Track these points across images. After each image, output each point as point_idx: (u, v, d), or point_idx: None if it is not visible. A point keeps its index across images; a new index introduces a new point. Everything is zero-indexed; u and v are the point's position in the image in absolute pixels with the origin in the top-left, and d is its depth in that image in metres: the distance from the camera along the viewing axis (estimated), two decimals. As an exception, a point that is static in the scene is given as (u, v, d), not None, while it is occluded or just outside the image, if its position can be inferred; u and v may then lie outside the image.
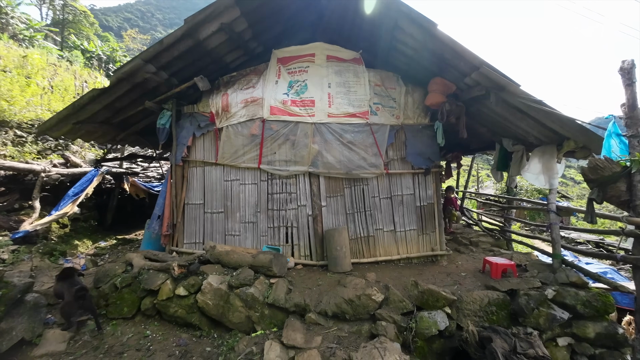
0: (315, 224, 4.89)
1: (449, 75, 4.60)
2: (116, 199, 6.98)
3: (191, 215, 5.13)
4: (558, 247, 3.88)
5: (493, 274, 3.94)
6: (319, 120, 4.86)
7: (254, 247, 4.93)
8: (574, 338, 3.23)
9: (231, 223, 5.03)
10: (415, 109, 5.13)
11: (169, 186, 5.12)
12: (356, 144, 4.90)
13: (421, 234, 5.12)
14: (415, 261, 5.05)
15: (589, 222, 3.13)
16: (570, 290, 3.31)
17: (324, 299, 3.59)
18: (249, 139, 4.95)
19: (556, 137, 4.17)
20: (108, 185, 7.03)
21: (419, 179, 5.17)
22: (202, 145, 5.21)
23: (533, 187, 18.45)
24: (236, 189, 5.06)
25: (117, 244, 6.44)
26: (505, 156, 5.19)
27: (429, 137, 5.17)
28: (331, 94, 4.94)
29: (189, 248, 5.05)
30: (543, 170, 4.29)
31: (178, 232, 5.11)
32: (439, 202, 5.21)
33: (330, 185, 4.99)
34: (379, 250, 4.99)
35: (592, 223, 3.17)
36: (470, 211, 8.38)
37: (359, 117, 4.93)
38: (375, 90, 5.04)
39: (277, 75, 5.09)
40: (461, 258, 5.23)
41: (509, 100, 4.00)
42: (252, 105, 4.95)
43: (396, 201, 5.09)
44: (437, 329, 3.21)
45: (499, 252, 5.31)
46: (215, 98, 5.11)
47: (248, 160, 4.97)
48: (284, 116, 4.87)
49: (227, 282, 3.76)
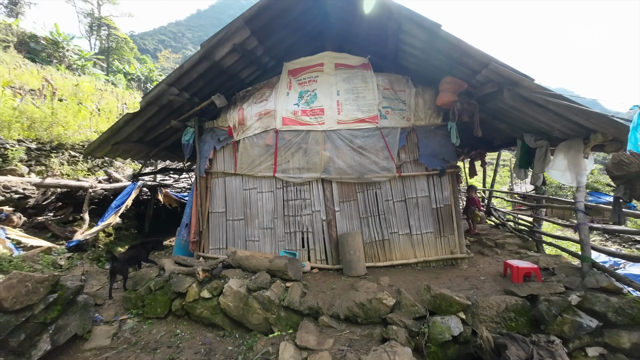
0: (330, 228, 5.01)
1: (460, 73, 4.49)
2: (152, 209, 7.71)
3: (215, 223, 5.53)
4: (588, 249, 3.58)
5: (514, 278, 3.75)
6: (329, 128, 5.00)
7: (273, 252, 5.17)
8: (607, 348, 2.97)
9: (251, 229, 5.33)
10: (427, 109, 5.05)
11: (194, 196, 5.57)
12: (367, 149, 4.95)
13: (439, 236, 5.00)
14: (433, 264, 4.95)
15: (615, 222, 2.89)
16: (600, 296, 3.05)
17: (337, 302, 3.69)
18: (264, 149, 5.23)
19: (582, 131, 3.89)
20: (145, 197, 7.79)
21: (434, 180, 5.07)
22: (222, 158, 5.60)
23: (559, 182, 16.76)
24: (254, 197, 5.36)
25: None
26: (527, 153, 4.91)
27: (443, 137, 5.06)
28: (340, 101, 5.05)
29: (214, 253, 5.43)
30: (569, 167, 4.00)
31: (204, 238, 5.53)
32: (456, 203, 5.06)
33: (342, 190, 5.09)
34: (395, 254, 4.96)
35: (620, 224, 2.92)
36: (498, 211, 7.93)
37: (368, 122, 4.98)
38: (384, 94, 5.06)
39: (288, 87, 5.32)
40: (483, 261, 5.01)
41: (525, 94, 3.82)
42: (266, 117, 5.22)
43: (411, 204, 5.04)
44: (451, 335, 3.15)
45: (526, 254, 5.00)
46: (232, 113, 5.47)
47: (264, 169, 5.25)
48: (295, 126, 5.08)
49: (246, 286, 4.02)
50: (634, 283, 3.16)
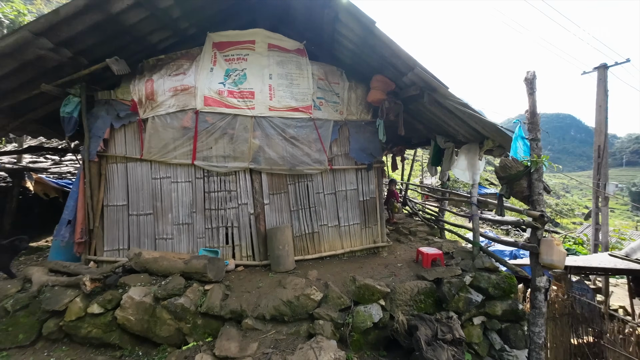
0: (258, 222, 4.69)
1: (389, 73, 4.70)
2: (15, 200, 5.78)
3: (112, 219, 4.49)
4: (477, 235, 4.35)
5: (424, 264, 4.25)
6: (260, 114, 4.59)
7: (190, 251, 4.54)
8: (486, 316, 3.67)
9: (162, 225, 4.53)
10: (359, 105, 5.17)
11: (81, 185, 4.38)
12: (299, 140, 4.77)
13: (364, 227, 5.28)
14: (358, 254, 5.22)
15: (499, 215, 3.54)
16: (485, 274, 3.73)
17: (263, 302, 3.46)
18: (180, 132, 4.45)
19: (479, 136, 4.59)
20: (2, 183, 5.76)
21: (362, 174, 5.29)
22: (122, 139, 4.54)
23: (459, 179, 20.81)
24: (167, 188, 4.55)
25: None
26: (438, 152, 5.59)
27: (371, 133, 5.28)
28: (272, 86, 4.68)
29: (110, 256, 4.43)
30: (468, 167, 4.71)
31: (96, 238, 4.43)
32: (380, 196, 5.42)
33: (273, 182, 4.80)
34: (323, 246, 5.02)
35: (502, 216, 3.60)
36: (412, 201, 9.01)
37: (302, 112, 4.78)
38: (318, 84, 4.92)
39: (212, 61, 4.63)
40: (400, 248, 5.56)
41: (440, 100, 4.25)
42: (183, 94, 4.43)
43: (340, 197, 5.14)
44: (372, 322, 3.34)
45: (433, 240, 5.79)
46: (137, 84, 4.45)
47: (180, 155, 4.49)
48: (220, 108, 4.48)
49: (153, 294, 3.38)
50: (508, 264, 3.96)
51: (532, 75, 3.12)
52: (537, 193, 3.13)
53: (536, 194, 3.14)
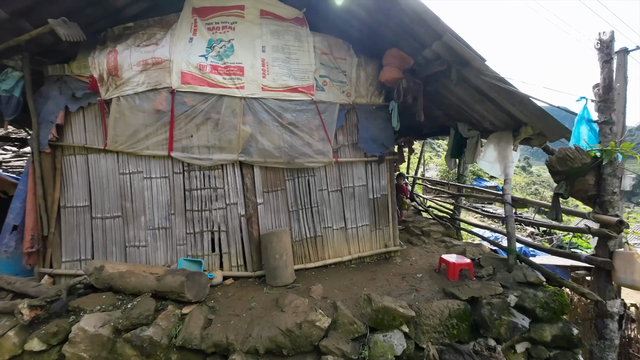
0: (250, 226, 3.92)
1: (407, 46, 3.90)
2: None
3: (71, 223, 3.68)
4: (513, 241, 3.65)
5: (450, 275, 3.55)
6: (251, 94, 3.77)
7: (169, 260, 3.77)
8: (531, 342, 3.00)
9: (134, 230, 3.74)
10: (369, 85, 4.37)
11: (30, 183, 3.55)
12: (299, 126, 3.97)
13: (374, 229, 4.56)
14: (368, 260, 4.51)
15: (553, 219, 2.84)
16: (529, 291, 3.04)
17: (255, 330, 2.73)
18: (152, 116, 3.62)
19: (513, 123, 3.85)
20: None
21: (372, 167, 4.53)
22: (81, 124, 3.69)
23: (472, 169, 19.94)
24: (138, 185, 3.75)
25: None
26: (459, 142, 4.85)
27: (383, 119, 4.50)
28: (266, 61, 3.84)
29: (70, 268, 3.64)
30: (499, 159, 3.98)
31: (53, 246, 3.63)
32: (392, 192, 4.68)
33: (268, 177, 4.02)
34: (327, 252, 4.29)
35: (558, 221, 2.89)
36: (419, 196, 8.31)
37: (302, 93, 3.96)
38: (322, 60, 4.10)
39: (192, 30, 3.76)
40: (415, 252, 4.86)
41: (471, 78, 3.49)
42: (155, 69, 3.58)
43: (347, 194, 4.39)
44: (394, 354, 2.64)
45: (452, 243, 5.09)
46: (98, 56, 3.58)
47: (153, 145, 3.67)
48: (201, 87, 3.64)
49: (112, 324, 2.62)
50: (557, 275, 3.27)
51: (610, 36, 2.35)
52: (611, 192, 2.42)
53: (609, 193, 2.42)
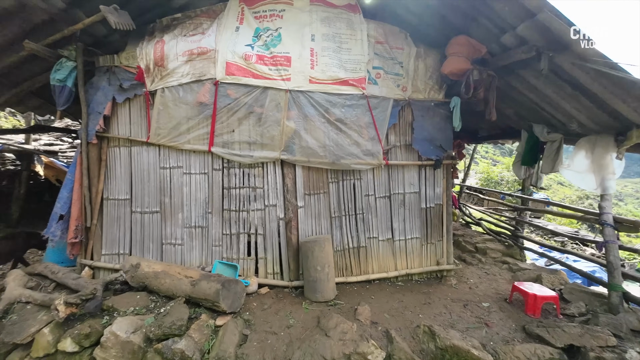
0: (289, 230, 3.59)
1: (479, 32, 3.32)
2: (24, 185, 5.23)
3: (112, 215, 3.64)
4: (618, 274, 2.87)
5: (529, 309, 2.89)
6: (297, 87, 3.44)
7: (203, 261, 3.57)
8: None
9: (171, 227, 3.60)
10: (428, 79, 3.83)
11: (77, 173, 3.55)
12: (348, 123, 3.56)
13: (425, 243, 4.00)
14: (416, 278, 3.96)
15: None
16: (650, 345, 2.30)
17: (296, 355, 2.36)
18: (195, 109, 3.44)
19: (615, 124, 3.09)
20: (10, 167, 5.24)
21: (426, 173, 3.98)
22: (126, 116, 3.63)
23: (514, 177, 18.09)
24: (178, 181, 3.60)
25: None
26: (534, 147, 4.10)
27: (442, 118, 3.94)
28: (315, 50, 3.49)
29: (109, 261, 3.59)
30: (593, 168, 3.22)
31: (94, 238, 3.61)
32: (448, 203, 4.08)
33: (310, 178, 3.67)
34: (371, 266, 3.82)
35: None
36: (467, 207, 7.46)
37: (352, 86, 3.55)
38: (376, 49, 3.66)
39: (238, 19, 3.54)
40: (471, 273, 4.20)
41: (565, 67, 2.83)
42: (200, 59, 3.40)
43: (396, 201, 3.89)
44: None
45: (516, 265, 4.34)
46: (145, 46, 3.49)
47: (194, 139, 3.50)
48: (246, 78, 3.39)
49: (144, 332, 2.41)
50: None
51: None
52: None
53: None
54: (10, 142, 5.14)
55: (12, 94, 3.82)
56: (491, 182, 17.61)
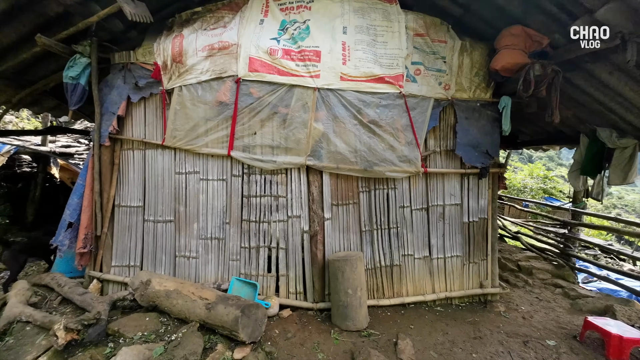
0: (314, 245, 3.20)
1: (539, 21, 2.87)
2: (39, 187, 5.11)
3: (124, 224, 3.36)
4: None
5: (613, 355, 2.36)
6: (327, 85, 3.07)
7: (219, 277, 3.23)
8: None
9: (185, 238, 3.29)
10: (473, 76, 3.38)
11: (89, 178, 3.31)
12: (382, 126, 3.15)
13: (467, 262, 3.51)
14: (456, 302, 3.47)
15: None
16: None
17: (328, 403, 1.94)
18: (214, 109, 3.13)
19: None
20: (26, 168, 5.14)
21: (469, 182, 3.50)
22: (141, 117, 3.37)
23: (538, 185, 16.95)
24: (194, 187, 3.29)
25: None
26: (597, 155, 3.55)
27: (489, 120, 3.46)
28: (347, 44, 3.12)
29: (119, 274, 3.31)
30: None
31: (104, 248, 3.34)
32: (494, 217, 3.58)
33: (338, 187, 3.27)
34: (405, 287, 3.36)
35: None
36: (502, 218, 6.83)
37: (388, 84, 3.15)
38: (415, 43, 3.25)
39: (262, 11, 3.23)
40: (520, 298, 3.66)
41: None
42: (221, 54, 3.10)
43: (435, 214, 3.43)
44: None
45: (574, 290, 3.76)
46: (163, 42, 3.23)
47: (212, 143, 3.18)
48: (271, 75, 3.05)
49: (152, 366, 2.07)
50: None
51: None
52: None
53: None
54: (27, 143, 5.04)
55: (27, 93, 3.66)
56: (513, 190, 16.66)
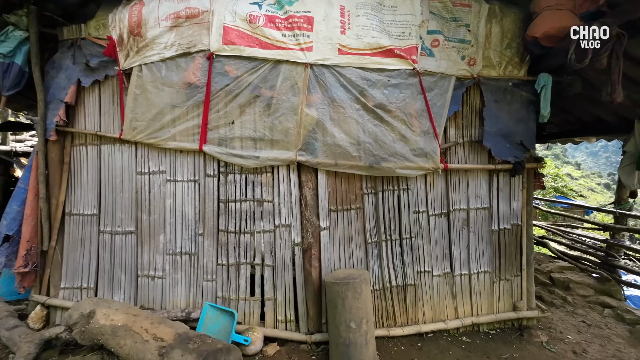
0: (307, 261, 2.56)
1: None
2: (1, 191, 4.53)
3: (76, 236, 2.75)
4: None
5: None
6: (321, 60, 2.44)
7: (189, 301, 2.61)
8: None
9: (149, 254, 2.67)
10: (504, 48, 2.72)
11: (32, 180, 2.71)
12: (391, 110, 2.52)
13: (497, 279, 2.85)
14: (485, 329, 2.80)
15: None
16: None
17: None
18: (182, 93, 2.52)
19: None
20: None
21: (499, 181, 2.85)
22: (95, 105, 2.76)
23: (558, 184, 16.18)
24: (159, 190, 2.67)
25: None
26: (658, 145, 2.88)
27: (523, 104, 2.80)
28: (347, 8, 2.50)
29: (69, 298, 2.70)
30: None
31: (52, 266, 2.73)
32: (530, 223, 2.92)
33: (337, 188, 2.63)
34: (422, 312, 2.71)
35: None
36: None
37: (399, 58, 2.51)
38: (432, 8, 2.61)
39: (242, -28, 2.61)
40: (562, 322, 2.99)
41: None
42: (189, 24, 2.48)
43: (457, 221, 2.78)
44: None
45: (632, 314, 3.07)
46: (120, 12, 2.62)
47: (181, 135, 2.57)
48: (250, 48, 2.43)
49: None
50: None
51: None
52: None
53: None
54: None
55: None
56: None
